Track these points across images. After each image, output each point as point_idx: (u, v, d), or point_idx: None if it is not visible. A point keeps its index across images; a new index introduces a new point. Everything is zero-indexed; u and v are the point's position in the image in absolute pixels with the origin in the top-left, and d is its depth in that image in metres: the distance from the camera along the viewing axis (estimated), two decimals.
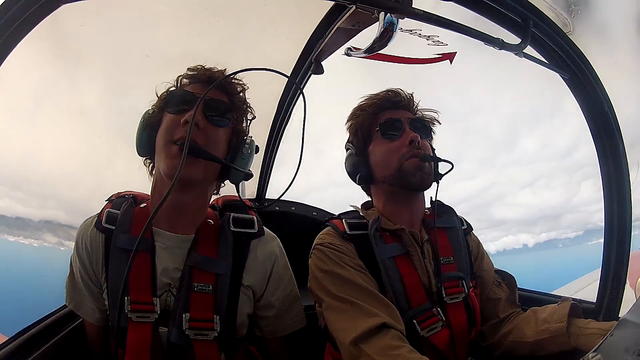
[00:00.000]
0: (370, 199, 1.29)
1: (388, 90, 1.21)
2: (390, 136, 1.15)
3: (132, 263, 0.84)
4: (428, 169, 1.13)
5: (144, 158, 1.09)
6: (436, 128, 1.25)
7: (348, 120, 1.26)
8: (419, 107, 1.23)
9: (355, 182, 1.24)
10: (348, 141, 1.26)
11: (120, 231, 1.01)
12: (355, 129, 1.22)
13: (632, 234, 1.16)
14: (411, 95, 1.22)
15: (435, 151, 1.23)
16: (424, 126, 1.19)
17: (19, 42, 0.65)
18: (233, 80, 1.07)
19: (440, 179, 1.18)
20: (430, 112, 1.24)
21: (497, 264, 1.30)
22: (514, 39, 0.94)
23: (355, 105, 1.24)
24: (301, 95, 1.03)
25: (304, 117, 1.02)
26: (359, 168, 1.19)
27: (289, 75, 1.60)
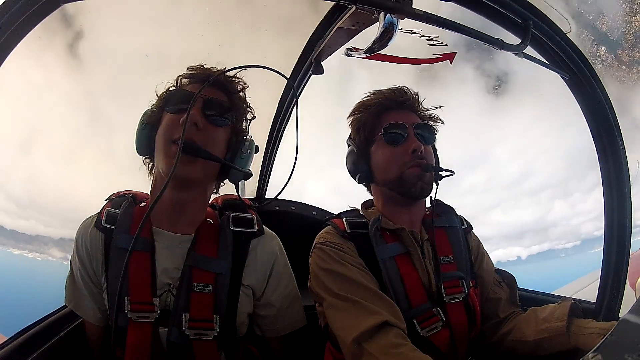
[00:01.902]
0: (371, 196, 1.28)
1: (393, 89, 1.18)
2: (393, 142, 1.13)
3: (129, 263, 0.84)
4: (429, 178, 1.13)
5: (144, 157, 1.09)
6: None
7: (350, 115, 1.24)
8: (423, 107, 1.21)
9: (355, 181, 1.23)
10: (350, 137, 1.24)
11: (120, 231, 1.01)
12: (357, 126, 1.20)
13: (632, 234, 1.16)
14: (416, 94, 1.19)
15: (438, 151, 1.22)
16: (428, 131, 1.17)
17: (19, 42, 0.66)
18: (233, 79, 1.07)
19: (440, 180, 1.18)
20: (434, 112, 1.21)
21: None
22: (514, 39, 0.94)
23: (359, 100, 1.22)
24: (301, 92, 1.05)
25: (297, 120, 1.06)
26: (360, 167, 1.18)
27: (289, 74, 1.60)
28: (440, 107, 1.22)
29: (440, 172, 1.17)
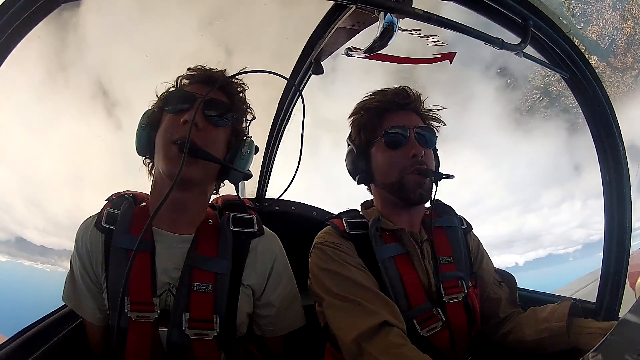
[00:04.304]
0: (371, 196, 1.28)
1: (396, 90, 1.16)
2: (393, 145, 1.12)
3: (132, 264, 0.84)
4: (428, 184, 1.12)
5: (144, 157, 1.09)
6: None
7: (351, 115, 1.23)
8: (424, 108, 1.19)
9: (355, 181, 1.23)
10: (350, 137, 1.23)
11: (120, 231, 1.01)
12: (358, 127, 1.20)
13: (632, 233, 1.16)
14: (419, 95, 1.18)
15: (438, 151, 1.21)
16: (430, 134, 1.15)
17: (19, 42, 0.66)
18: (233, 80, 1.07)
19: (440, 180, 1.17)
20: (436, 114, 1.20)
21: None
22: (514, 39, 0.94)
23: (360, 100, 1.20)
24: (301, 92, 1.04)
25: (303, 118, 1.05)
26: (359, 168, 1.18)
27: (288, 75, 1.60)
28: (443, 107, 1.21)
29: (440, 173, 1.17)
